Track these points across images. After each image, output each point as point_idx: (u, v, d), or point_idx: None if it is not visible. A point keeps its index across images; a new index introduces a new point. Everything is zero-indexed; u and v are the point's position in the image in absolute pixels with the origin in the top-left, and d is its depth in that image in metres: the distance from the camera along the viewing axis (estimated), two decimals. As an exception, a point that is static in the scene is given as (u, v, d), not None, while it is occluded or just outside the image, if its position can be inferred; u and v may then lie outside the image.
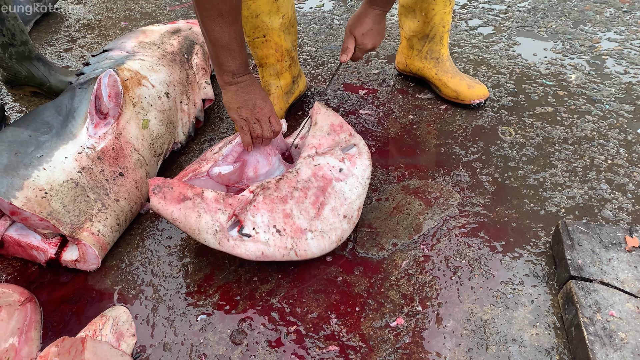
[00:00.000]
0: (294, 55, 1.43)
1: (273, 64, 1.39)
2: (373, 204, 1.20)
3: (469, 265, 1.06)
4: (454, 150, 1.34)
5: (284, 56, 1.39)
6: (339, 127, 1.19)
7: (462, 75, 1.48)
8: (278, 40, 1.35)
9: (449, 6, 1.40)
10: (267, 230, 0.99)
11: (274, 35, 1.33)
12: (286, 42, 1.37)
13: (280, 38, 1.35)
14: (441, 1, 1.38)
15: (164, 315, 1.00)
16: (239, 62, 1.04)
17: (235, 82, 1.07)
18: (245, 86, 1.07)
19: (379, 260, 1.08)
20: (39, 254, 1.09)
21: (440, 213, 1.16)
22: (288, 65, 1.42)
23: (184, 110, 1.39)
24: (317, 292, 1.02)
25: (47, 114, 1.17)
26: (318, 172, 1.08)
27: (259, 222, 0.99)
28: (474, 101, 1.44)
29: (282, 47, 1.36)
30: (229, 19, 0.98)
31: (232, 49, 1.02)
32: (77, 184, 1.09)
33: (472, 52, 1.73)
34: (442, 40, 1.46)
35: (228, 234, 0.97)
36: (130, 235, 1.17)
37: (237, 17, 1.00)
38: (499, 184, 1.23)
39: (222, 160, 1.10)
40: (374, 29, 1.20)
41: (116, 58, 1.33)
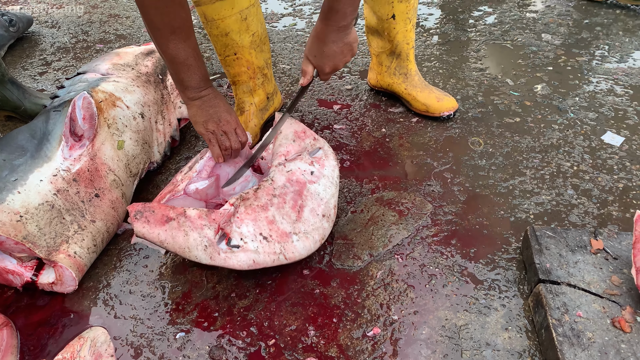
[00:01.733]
0: (267, 72, 1.46)
1: (246, 82, 1.42)
2: (348, 216, 1.22)
3: (443, 273, 1.08)
4: (426, 161, 1.37)
5: (256, 73, 1.41)
6: (302, 133, 1.23)
7: (432, 88, 1.52)
8: (249, 57, 1.37)
9: (410, 24, 1.44)
10: (255, 239, 1.01)
11: (244, 52, 1.36)
12: (257, 59, 1.39)
13: (252, 55, 1.37)
14: (401, 20, 1.42)
15: (142, 334, 1.00)
16: (199, 76, 1.06)
17: (199, 96, 1.08)
18: (209, 99, 1.09)
19: (355, 271, 1.09)
20: (15, 277, 1.08)
21: (413, 223, 1.19)
22: (261, 83, 1.45)
23: (159, 130, 1.41)
24: (294, 305, 1.04)
25: (22, 138, 1.17)
26: (292, 177, 1.11)
27: (245, 232, 1.01)
28: (444, 113, 1.49)
29: (253, 65, 1.39)
30: (182, 34, 0.99)
31: (190, 64, 1.03)
32: (53, 207, 1.09)
33: (442, 66, 1.78)
34: (409, 57, 1.51)
35: (218, 247, 0.98)
36: (108, 256, 1.17)
37: (190, 32, 1.01)
38: (470, 192, 1.27)
39: (196, 177, 1.12)
40: (331, 50, 1.09)
41: (90, 80, 1.35)
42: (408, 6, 1.40)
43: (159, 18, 0.96)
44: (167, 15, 0.96)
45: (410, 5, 1.41)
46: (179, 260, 1.15)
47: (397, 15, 1.40)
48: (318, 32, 1.09)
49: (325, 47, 1.09)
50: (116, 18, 2.36)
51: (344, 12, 1.03)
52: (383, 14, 1.42)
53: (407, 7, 1.40)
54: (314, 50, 1.11)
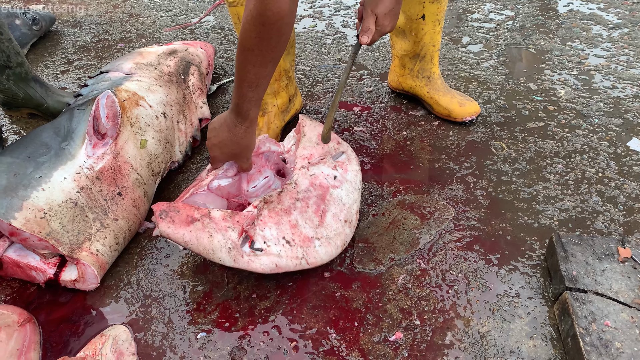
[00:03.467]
0: (291, 74, 1.45)
1: (271, 84, 1.42)
2: (369, 220, 1.21)
3: (465, 278, 1.07)
4: (448, 165, 1.36)
5: (281, 76, 1.41)
6: None
7: (454, 92, 1.51)
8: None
9: (438, 26, 1.43)
10: (278, 243, 1.00)
11: None
12: (284, 61, 1.39)
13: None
14: (430, 21, 1.41)
15: (163, 333, 1.00)
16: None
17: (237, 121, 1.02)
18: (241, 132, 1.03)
19: (376, 275, 1.09)
20: (38, 274, 1.09)
21: (435, 227, 1.18)
22: (285, 85, 1.44)
23: (181, 130, 1.41)
24: (315, 308, 1.03)
25: (46, 136, 1.18)
26: (315, 181, 1.11)
27: (269, 236, 1.00)
28: (466, 118, 1.47)
29: (280, 67, 1.39)
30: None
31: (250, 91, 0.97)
32: (76, 204, 1.10)
33: (463, 69, 1.76)
34: (433, 60, 1.49)
35: (242, 250, 0.98)
36: (129, 254, 1.18)
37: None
38: (493, 197, 1.25)
39: (222, 174, 1.13)
40: (395, 9, 1.07)
41: (114, 79, 1.36)
42: (439, 7, 1.39)
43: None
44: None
45: (441, 7, 1.39)
46: (200, 260, 1.15)
47: (427, 16, 1.39)
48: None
49: (391, 5, 1.05)
50: (137, 17, 2.38)
51: None
52: (413, 14, 1.40)
53: (438, 8, 1.39)
54: (382, 6, 1.04)
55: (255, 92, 0.96)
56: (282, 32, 0.90)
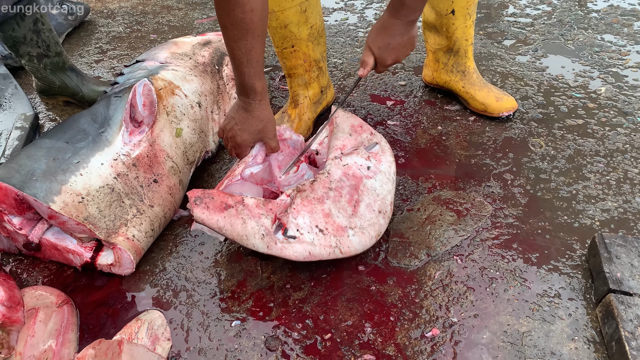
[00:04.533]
0: (322, 65, 1.44)
1: (301, 74, 1.41)
2: (404, 214, 1.20)
3: (504, 277, 1.04)
4: (485, 161, 1.33)
5: (312, 66, 1.40)
6: (359, 128, 1.21)
7: (490, 87, 1.48)
8: (306, 50, 1.36)
9: (470, 20, 1.40)
10: (311, 231, 1.00)
11: (302, 45, 1.35)
12: (314, 52, 1.38)
13: (309, 48, 1.36)
14: (461, 16, 1.38)
15: (198, 320, 1.00)
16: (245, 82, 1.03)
17: (242, 100, 1.06)
18: (247, 111, 1.06)
19: (412, 270, 1.07)
20: (75, 257, 1.10)
21: (472, 224, 1.16)
22: (316, 76, 1.43)
23: (214, 120, 1.41)
24: (350, 301, 1.02)
25: (83, 122, 1.20)
26: (348, 171, 1.10)
27: (302, 224, 1.00)
28: (503, 114, 1.44)
29: (310, 58, 1.38)
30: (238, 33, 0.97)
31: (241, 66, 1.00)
32: (113, 190, 1.11)
33: (499, 64, 1.73)
34: (467, 54, 1.47)
35: (275, 237, 0.98)
36: (164, 241, 1.18)
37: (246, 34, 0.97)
38: (531, 195, 1.22)
39: (252, 161, 1.13)
40: (396, 42, 1.09)
41: (150, 68, 1.36)
42: (469, 1, 1.36)
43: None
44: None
45: (471, 0, 1.37)
46: (234, 248, 1.15)
47: (457, 11, 1.37)
48: (385, 24, 1.08)
49: (392, 39, 1.09)
50: (169, 10, 2.39)
51: (414, 8, 1.05)
52: (442, 9, 1.38)
53: (467, 2, 1.36)
54: (379, 41, 1.10)
55: (249, 67, 0.99)
56: (240, 2, 0.92)
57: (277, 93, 1.69)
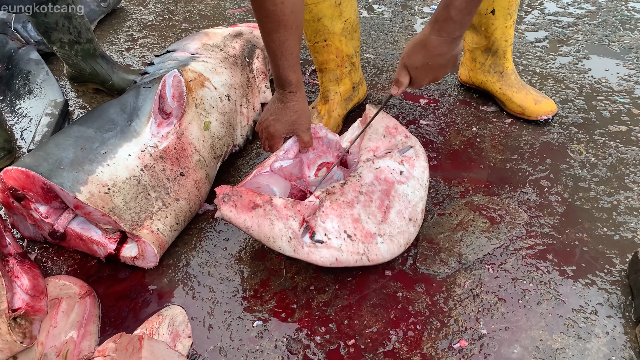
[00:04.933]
0: (355, 61, 1.40)
1: (333, 70, 1.38)
2: (435, 219, 1.16)
3: (538, 289, 1.00)
4: (520, 166, 1.28)
5: (344, 62, 1.36)
6: (394, 129, 1.17)
7: (529, 89, 1.41)
8: (339, 45, 1.33)
9: (510, 20, 1.34)
10: (339, 236, 0.97)
11: (335, 40, 1.31)
12: (347, 47, 1.34)
13: (342, 43, 1.33)
14: (501, 16, 1.32)
15: (219, 318, 0.99)
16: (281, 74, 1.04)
17: (279, 93, 1.08)
18: (282, 102, 1.08)
19: (441, 277, 1.03)
20: (99, 248, 1.10)
21: (506, 232, 1.11)
22: (348, 72, 1.40)
23: (243, 114, 1.39)
24: (375, 307, 0.99)
25: (112, 112, 1.19)
26: (380, 175, 1.07)
27: (330, 228, 0.97)
28: (541, 117, 1.38)
29: (342, 53, 1.34)
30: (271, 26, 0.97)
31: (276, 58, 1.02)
32: (139, 182, 1.09)
33: (539, 65, 1.66)
34: (506, 54, 1.41)
35: (302, 240, 0.95)
36: (188, 235, 1.17)
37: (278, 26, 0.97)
38: (569, 204, 1.17)
39: (283, 155, 1.12)
40: (438, 62, 0.99)
41: (180, 59, 1.34)
42: (510, 1, 1.30)
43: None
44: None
45: (513, 0, 1.31)
46: (258, 245, 1.13)
47: (497, 11, 1.31)
48: (425, 41, 0.97)
49: (432, 59, 0.99)
50: (200, -1, 2.38)
51: (461, 23, 0.93)
52: (482, 8, 1.33)
53: (509, 2, 1.30)
54: (416, 61, 1.00)
55: (283, 60, 0.99)
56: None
57: (307, 88, 1.66)
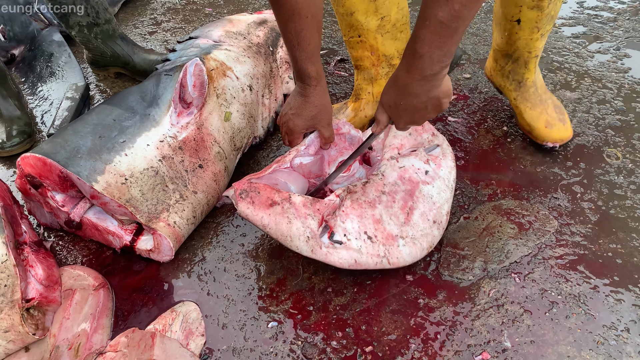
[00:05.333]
0: (396, 64, 1.31)
1: (367, 68, 1.30)
2: (460, 223, 1.11)
3: (566, 302, 0.95)
4: (553, 170, 1.22)
5: (380, 61, 1.28)
6: (420, 127, 1.12)
7: (547, 107, 1.27)
8: (374, 43, 1.24)
9: (537, 33, 1.18)
10: (359, 237, 0.93)
11: (369, 37, 1.23)
12: (385, 47, 1.25)
13: (377, 41, 1.24)
14: (527, 28, 1.17)
15: (234, 317, 0.96)
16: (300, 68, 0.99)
17: (299, 86, 1.04)
18: (302, 96, 1.04)
19: (464, 285, 0.99)
20: (115, 239, 1.08)
21: (535, 240, 1.06)
22: (385, 73, 1.30)
23: (265, 105, 1.35)
24: (395, 313, 0.95)
25: (132, 99, 1.16)
26: (404, 174, 1.02)
27: (350, 229, 0.93)
28: (547, 144, 1.24)
29: (378, 51, 1.26)
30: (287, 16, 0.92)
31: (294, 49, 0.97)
32: (157, 173, 1.07)
33: (575, 62, 1.59)
34: (528, 65, 1.25)
35: (320, 241, 0.92)
36: (205, 229, 1.14)
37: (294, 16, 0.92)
38: (603, 213, 1.11)
39: (304, 150, 1.08)
40: (410, 104, 0.84)
41: (202, 47, 1.31)
42: (540, 15, 1.14)
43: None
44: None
45: (542, 15, 1.14)
46: (275, 243, 1.10)
47: (523, 22, 1.18)
48: (397, 78, 0.84)
49: (403, 99, 0.84)
50: (225, -17, 2.34)
51: (430, 58, 0.76)
52: (508, 14, 1.19)
53: (538, 16, 1.14)
54: (389, 99, 0.88)
55: (300, 51, 0.95)
56: None
57: (330, 79, 1.61)
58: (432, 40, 0.73)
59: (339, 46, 1.79)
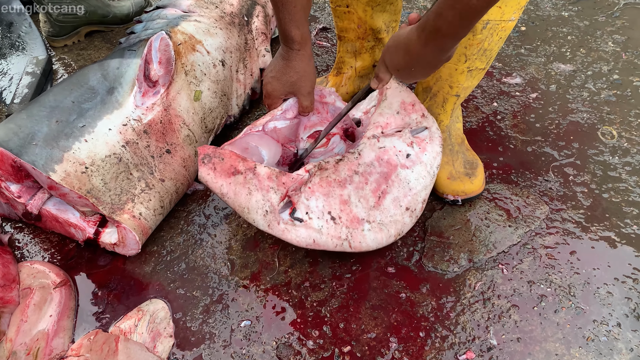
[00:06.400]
0: (384, 38, 1.21)
1: (352, 40, 1.20)
2: (446, 209, 1.05)
3: (556, 294, 0.90)
4: (544, 150, 1.15)
5: (367, 35, 1.18)
6: (410, 106, 1.04)
7: (456, 159, 1.08)
8: (363, 15, 1.14)
9: (464, 64, 0.95)
10: (321, 217, 0.87)
11: (358, 8, 1.13)
12: (374, 20, 1.15)
13: (366, 14, 1.14)
14: (455, 53, 0.86)
15: (204, 316, 0.91)
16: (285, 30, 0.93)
17: (283, 49, 0.97)
18: (290, 59, 0.97)
19: (449, 277, 0.94)
20: (77, 232, 1.01)
21: (524, 227, 1.00)
22: (371, 47, 1.21)
23: (239, 80, 1.26)
24: (375, 309, 0.90)
25: (93, 78, 1.07)
26: (383, 155, 0.95)
27: (313, 207, 0.88)
28: (448, 196, 1.06)
29: (366, 24, 1.16)
30: None
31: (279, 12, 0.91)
32: (120, 160, 0.99)
33: (570, 32, 1.50)
34: (445, 105, 1.05)
35: (279, 216, 0.87)
36: (175, 218, 1.07)
37: None
38: (596, 196, 1.05)
39: (280, 115, 1.01)
40: (419, 67, 0.80)
41: (170, 17, 1.20)
42: (471, 40, 0.91)
43: None
44: None
45: (474, 40, 0.90)
46: (250, 233, 1.03)
47: None
48: (410, 47, 0.78)
49: (415, 66, 0.80)
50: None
51: (452, 37, 0.73)
52: None
53: (469, 39, 0.91)
54: (398, 63, 0.82)
55: (284, 12, 0.90)
56: None
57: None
58: (460, 23, 0.69)
59: (320, 12, 1.68)
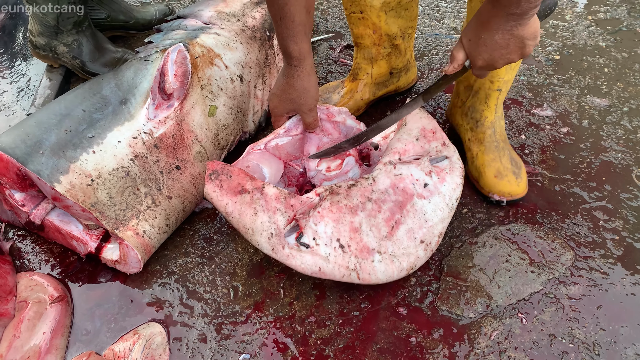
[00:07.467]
0: (400, 44, 1.18)
1: (368, 47, 1.19)
2: (464, 248, 0.99)
3: (579, 351, 0.83)
4: (573, 190, 1.08)
5: (382, 41, 1.16)
6: (431, 134, 0.99)
7: (503, 155, 1.08)
8: (377, 21, 1.13)
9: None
10: (329, 244, 0.83)
11: (372, 14, 1.12)
12: (388, 25, 1.13)
13: (380, 19, 1.12)
14: None
15: (203, 344, 0.86)
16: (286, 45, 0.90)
17: (286, 67, 0.95)
18: (288, 78, 0.95)
19: (464, 323, 0.88)
20: (79, 245, 0.98)
21: (547, 274, 0.94)
22: (387, 53, 1.19)
23: (257, 97, 1.22)
24: (383, 352, 0.84)
25: (106, 87, 1.04)
26: (398, 183, 0.90)
27: (321, 233, 0.83)
28: (493, 196, 1.05)
29: (380, 30, 1.14)
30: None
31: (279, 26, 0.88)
32: (128, 174, 0.96)
33: (607, 63, 1.42)
34: (488, 101, 1.07)
35: (284, 240, 0.82)
36: (180, 237, 1.04)
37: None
38: (627, 246, 0.98)
39: (283, 133, 0.98)
40: (492, 39, 0.79)
41: (189, 29, 1.17)
42: None
43: None
44: None
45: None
46: (256, 259, 0.99)
47: None
48: (481, 12, 0.79)
49: (485, 33, 0.79)
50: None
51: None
52: None
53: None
54: (471, 32, 0.82)
55: (283, 27, 0.87)
56: None
57: (334, 67, 1.47)
58: None
59: (346, 29, 1.63)
